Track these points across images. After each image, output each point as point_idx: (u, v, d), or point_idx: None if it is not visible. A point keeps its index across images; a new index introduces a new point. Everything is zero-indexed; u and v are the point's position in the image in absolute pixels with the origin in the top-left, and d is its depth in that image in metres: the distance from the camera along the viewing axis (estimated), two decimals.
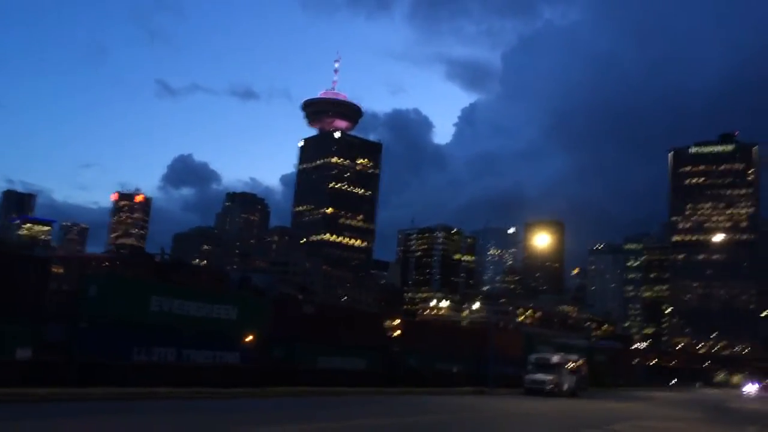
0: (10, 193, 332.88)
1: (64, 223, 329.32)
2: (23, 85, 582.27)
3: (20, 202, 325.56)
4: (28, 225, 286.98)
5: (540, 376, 38.94)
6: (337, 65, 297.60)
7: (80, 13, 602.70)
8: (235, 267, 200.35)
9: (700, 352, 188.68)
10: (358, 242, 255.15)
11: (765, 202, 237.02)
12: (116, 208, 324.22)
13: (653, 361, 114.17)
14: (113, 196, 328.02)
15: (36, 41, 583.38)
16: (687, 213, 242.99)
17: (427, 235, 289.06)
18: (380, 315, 56.46)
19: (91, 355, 20.31)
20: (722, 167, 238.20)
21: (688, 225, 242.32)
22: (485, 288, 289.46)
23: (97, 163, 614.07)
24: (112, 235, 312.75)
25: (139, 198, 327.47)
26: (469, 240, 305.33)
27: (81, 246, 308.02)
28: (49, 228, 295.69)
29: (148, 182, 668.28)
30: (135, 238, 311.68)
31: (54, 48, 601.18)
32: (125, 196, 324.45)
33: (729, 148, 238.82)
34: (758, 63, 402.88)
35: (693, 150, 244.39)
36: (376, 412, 21.51)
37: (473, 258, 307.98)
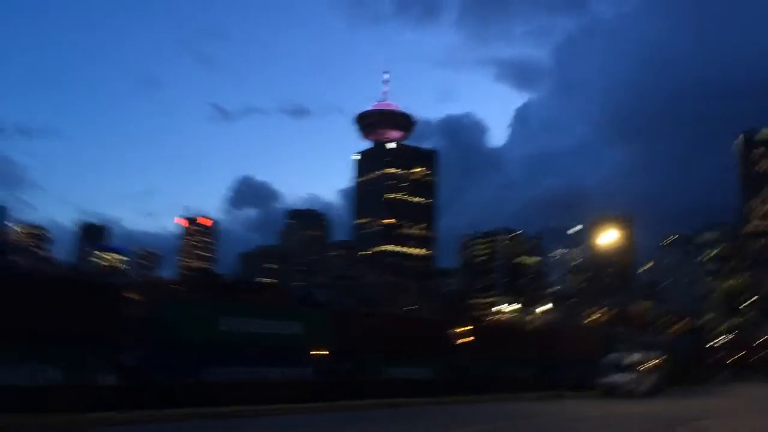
0: (85, 226, 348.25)
1: (135, 250, 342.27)
2: (84, 120, 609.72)
3: (95, 233, 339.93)
4: (107, 255, 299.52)
5: (617, 377, 37.71)
6: (386, 76, 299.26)
7: (130, 44, 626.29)
8: (298, 283, 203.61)
9: None
10: (419, 251, 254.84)
11: None
12: (184, 233, 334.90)
13: (736, 356, 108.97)
14: (181, 222, 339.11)
15: (90, 74, 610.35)
16: (761, 199, 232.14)
17: (489, 238, 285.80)
18: (445, 322, 55.94)
19: (165, 377, 20.98)
20: None
21: (765, 210, 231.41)
22: (553, 289, 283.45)
23: (160, 190, 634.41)
24: (182, 259, 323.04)
25: (204, 221, 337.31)
26: (532, 241, 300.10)
27: (153, 271, 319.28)
28: (124, 256, 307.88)
29: (212, 205, 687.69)
30: (203, 260, 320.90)
31: (109, 82, 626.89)
32: (191, 221, 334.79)
33: None
34: None
35: (765, 131, 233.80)
36: (454, 421, 21.27)
37: (538, 259, 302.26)
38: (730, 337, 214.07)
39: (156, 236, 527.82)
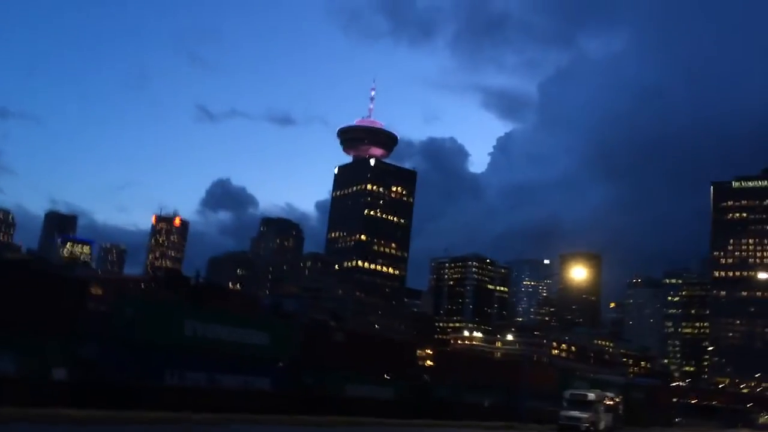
0: (52, 214, 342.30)
1: (103, 245, 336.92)
2: (66, 109, 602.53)
3: (62, 223, 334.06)
4: (69, 245, 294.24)
5: (575, 413, 37.90)
6: (373, 93, 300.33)
7: (121, 38, 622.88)
8: (267, 292, 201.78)
9: (743, 392, 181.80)
10: (391, 270, 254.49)
11: None
12: (155, 231, 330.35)
13: (693, 400, 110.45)
14: (152, 219, 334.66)
15: (78, 66, 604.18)
16: (729, 248, 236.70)
17: (460, 264, 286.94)
18: (411, 344, 55.91)
19: (123, 375, 20.56)
20: (766, 202, 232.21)
21: (730, 261, 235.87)
22: (519, 319, 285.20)
23: (137, 185, 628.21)
24: (150, 257, 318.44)
25: (177, 221, 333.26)
26: (503, 270, 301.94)
27: (119, 267, 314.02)
28: (89, 249, 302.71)
29: (186, 205, 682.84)
30: (172, 260, 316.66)
31: (96, 73, 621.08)
32: (164, 219, 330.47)
33: None
34: None
35: (735, 185, 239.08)
36: None
37: (507, 289, 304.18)
38: (688, 381, 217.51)
39: (127, 232, 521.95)
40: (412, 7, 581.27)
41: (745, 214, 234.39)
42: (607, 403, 41.31)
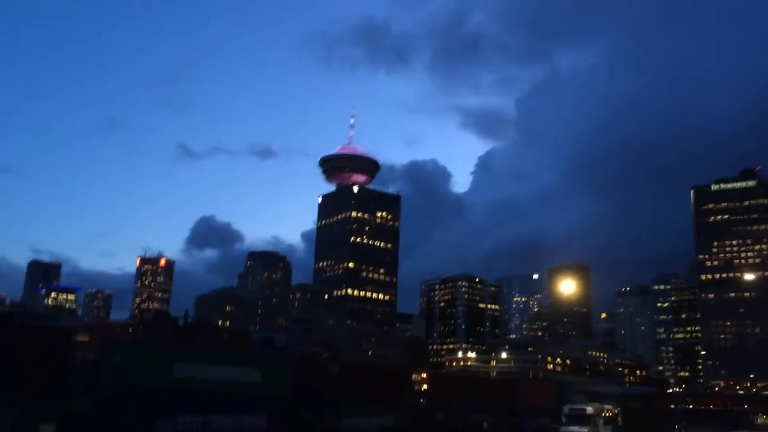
0: (35, 264, 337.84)
1: (89, 291, 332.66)
2: (43, 157, 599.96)
3: (46, 272, 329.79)
4: (54, 294, 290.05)
5: (575, 428, 37.76)
6: (352, 120, 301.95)
7: (98, 80, 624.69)
8: (257, 327, 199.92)
9: (740, 393, 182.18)
10: (381, 296, 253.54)
11: None
12: (140, 273, 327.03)
13: (690, 406, 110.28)
14: (137, 262, 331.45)
15: (53, 112, 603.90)
16: (714, 251, 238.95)
17: (450, 285, 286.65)
18: (406, 370, 55.45)
19: (116, 426, 20.12)
20: (746, 203, 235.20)
21: (716, 263, 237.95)
22: (512, 336, 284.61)
23: (120, 229, 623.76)
24: (137, 300, 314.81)
25: (162, 262, 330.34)
26: (492, 288, 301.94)
27: (106, 313, 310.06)
28: (74, 296, 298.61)
29: (172, 245, 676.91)
30: (159, 302, 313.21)
31: (72, 118, 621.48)
32: (148, 261, 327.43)
33: (751, 183, 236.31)
34: None
35: (714, 187, 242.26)
36: None
37: (498, 306, 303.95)
38: (683, 387, 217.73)
39: (113, 277, 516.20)
40: (386, 34, 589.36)
41: (726, 216, 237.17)
42: (606, 415, 41.17)
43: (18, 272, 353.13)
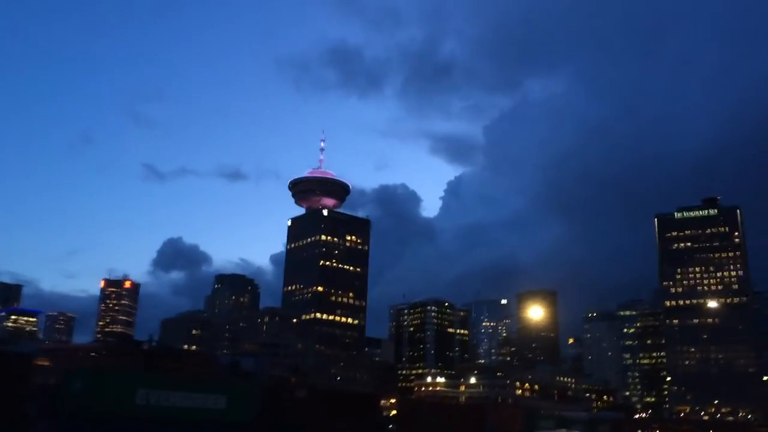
0: None
1: (50, 313, 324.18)
2: (6, 175, 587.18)
3: (6, 294, 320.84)
4: (14, 317, 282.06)
5: None
6: (323, 144, 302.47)
7: (64, 101, 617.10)
8: (225, 351, 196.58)
9: (704, 419, 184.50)
10: (350, 320, 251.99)
11: (753, 264, 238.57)
12: (104, 296, 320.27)
13: (657, 431, 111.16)
14: (101, 284, 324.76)
15: (21, 129, 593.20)
16: (678, 278, 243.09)
17: (419, 309, 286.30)
18: (375, 395, 54.97)
19: None
20: (708, 231, 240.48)
21: (679, 290, 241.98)
22: (481, 361, 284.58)
23: (85, 250, 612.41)
24: (100, 323, 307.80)
25: (127, 284, 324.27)
26: (461, 313, 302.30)
27: (68, 336, 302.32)
28: (35, 319, 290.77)
29: (138, 267, 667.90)
30: (123, 325, 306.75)
31: (36, 138, 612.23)
32: (113, 283, 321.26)
33: (713, 212, 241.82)
34: (741, 125, 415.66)
35: (678, 215, 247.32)
36: None
37: (467, 331, 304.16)
38: (650, 412, 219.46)
39: (75, 299, 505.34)
40: (360, 59, 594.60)
41: (689, 244, 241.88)
42: None
43: None
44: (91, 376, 23.55)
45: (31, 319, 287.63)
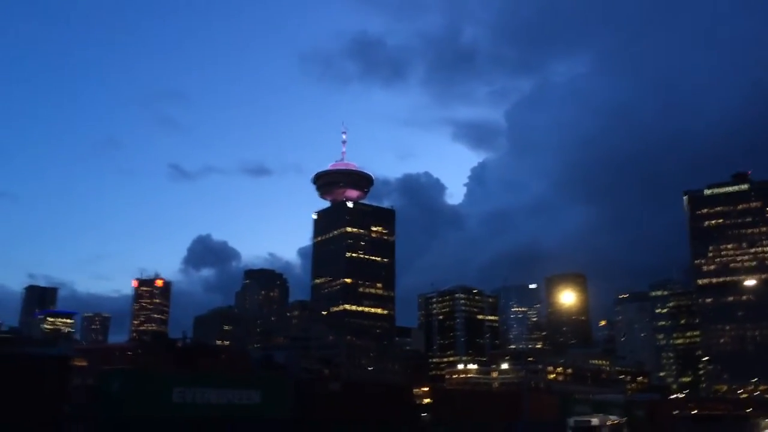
0: (32, 289, 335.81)
1: (86, 314, 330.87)
2: (38, 179, 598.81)
3: (42, 297, 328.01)
4: (51, 319, 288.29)
5: None
6: (344, 136, 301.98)
7: (90, 104, 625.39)
8: (256, 345, 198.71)
9: (742, 397, 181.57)
10: (379, 310, 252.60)
11: None
12: (137, 295, 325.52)
13: (693, 411, 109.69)
14: (133, 284, 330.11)
15: (47, 134, 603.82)
16: (710, 255, 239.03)
17: (447, 297, 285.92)
18: (407, 386, 55.05)
19: None
20: (739, 207, 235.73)
21: (712, 267, 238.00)
22: (512, 347, 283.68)
23: (116, 251, 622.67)
24: (135, 322, 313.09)
25: (158, 283, 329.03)
26: (490, 299, 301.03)
27: (104, 336, 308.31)
28: (71, 320, 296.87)
29: (169, 266, 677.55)
30: (157, 323, 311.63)
31: (65, 140, 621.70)
32: (145, 282, 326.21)
33: (744, 187, 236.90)
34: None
35: (707, 192, 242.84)
36: None
37: (497, 317, 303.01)
38: (686, 392, 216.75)
39: (110, 299, 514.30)
40: (382, 48, 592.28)
41: (721, 220, 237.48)
42: (611, 423, 40.78)
43: (14, 298, 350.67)
44: (128, 377, 23.83)
45: (67, 320, 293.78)
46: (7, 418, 18.19)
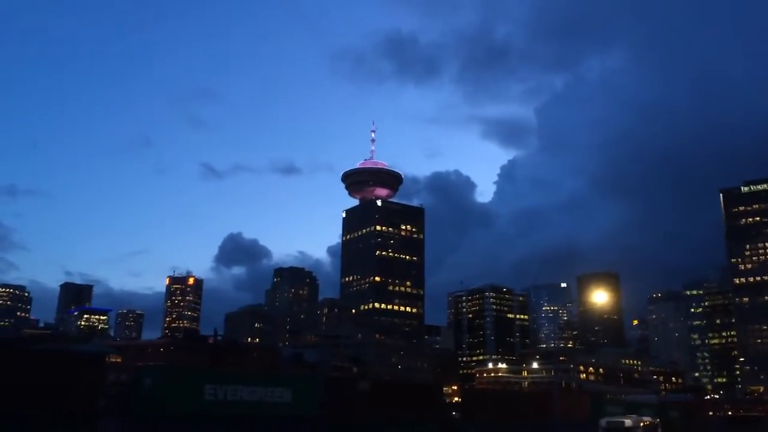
0: (68, 286, 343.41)
1: (120, 311, 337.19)
2: (72, 177, 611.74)
3: (78, 294, 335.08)
4: (86, 316, 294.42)
5: None
6: (373, 134, 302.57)
7: (123, 103, 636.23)
8: (286, 343, 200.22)
9: None
10: (408, 309, 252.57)
11: None
12: (169, 293, 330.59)
13: (729, 412, 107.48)
14: (166, 281, 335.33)
15: (82, 132, 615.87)
16: (747, 254, 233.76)
17: (477, 296, 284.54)
18: (437, 385, 54.88)
19: None
20: None
21: (749, 266, 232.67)
22: (542, 346, 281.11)
23: (149, 249, 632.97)
24: (167, 319, 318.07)
25: (190, 281, 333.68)
26: (520, 298, 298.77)
27: (138, 332, 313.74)
28: (106, 317, 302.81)
29: (200, 264, 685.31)
30: (189, 320, 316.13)
31: (99, 138, 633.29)
32: (177, 280, 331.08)
33: None
34: None
35: (744, 189, 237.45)
36: None
37: (527, 316, 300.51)
38: (721, 393, 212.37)
39: (143, 296, 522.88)
40: (414, 46, 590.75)
41: (758, 218, 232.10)
42: (644, 424, 40.04)
43: (51, 295, 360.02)
44: (160, 373, 24.14)
45: (102, 317, 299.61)
46: (44, 413, 18.55)
